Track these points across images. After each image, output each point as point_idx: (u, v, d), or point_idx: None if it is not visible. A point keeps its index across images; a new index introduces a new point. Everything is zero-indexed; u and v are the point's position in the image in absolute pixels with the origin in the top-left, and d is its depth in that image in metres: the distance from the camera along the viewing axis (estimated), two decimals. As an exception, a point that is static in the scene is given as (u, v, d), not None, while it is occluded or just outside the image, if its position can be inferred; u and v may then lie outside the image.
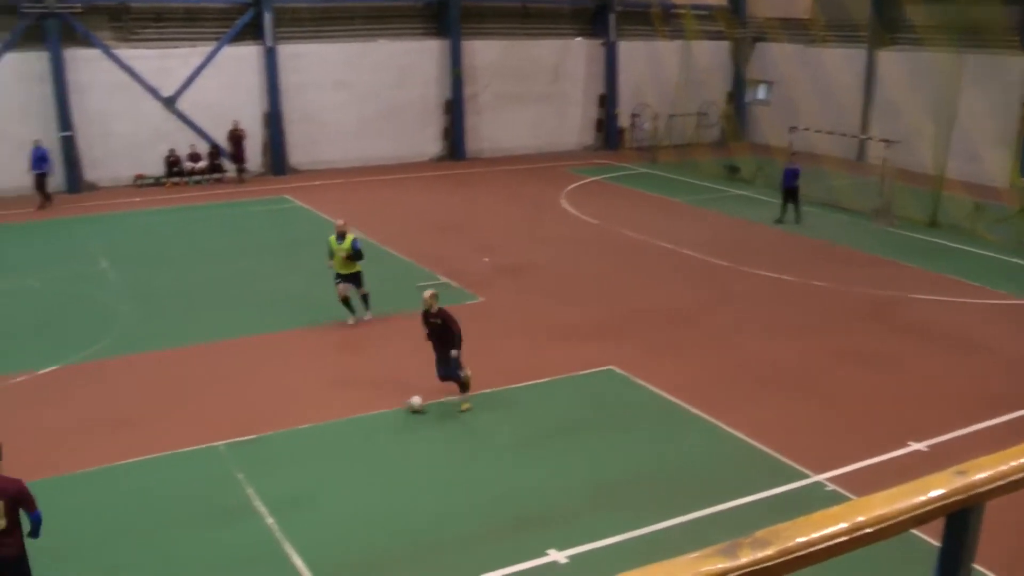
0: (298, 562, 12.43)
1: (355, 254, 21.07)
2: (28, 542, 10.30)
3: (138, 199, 36.54)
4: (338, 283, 21.39)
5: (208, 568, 12.52)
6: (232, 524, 13.51)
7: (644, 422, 16.71)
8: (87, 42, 37.40)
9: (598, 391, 18.00)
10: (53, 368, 19.61)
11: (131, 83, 38.13)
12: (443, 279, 24.88)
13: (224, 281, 25.63)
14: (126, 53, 38.07)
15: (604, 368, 18.86)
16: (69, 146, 37.25)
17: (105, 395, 18.24)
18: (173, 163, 38.98)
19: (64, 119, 37.04)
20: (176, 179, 38.85)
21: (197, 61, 39.06)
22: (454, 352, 16.73)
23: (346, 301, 21.44)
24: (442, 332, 16.93)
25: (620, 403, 17.50)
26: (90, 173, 38.10)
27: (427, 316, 17.10)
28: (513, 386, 18.09)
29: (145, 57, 38.30)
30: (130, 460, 15.40)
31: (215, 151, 39.58)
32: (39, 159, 34.98)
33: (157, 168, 38.83)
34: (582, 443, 15.82)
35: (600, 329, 21.31)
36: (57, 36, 36.56)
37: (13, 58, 36.35)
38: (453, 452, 15.68)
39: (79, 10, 36.95)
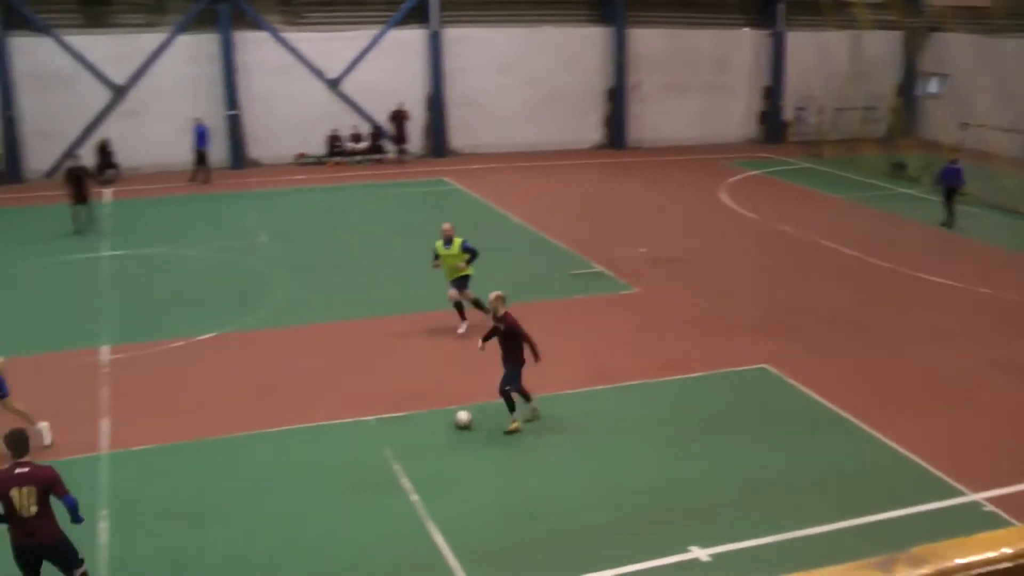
0: (440, 540, 12.51)
1: (468, 253, 19.96)
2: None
3: (300, 176, 37.44)
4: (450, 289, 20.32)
5: (351, 540, 12.69)
6: (377, 498, 13.68)
7: (795, 424, 16.21)
8: (256, 25, 38.51)
9: (750, 390, 17.56)
10: (210, 335, 20.29)
11: (296, 65, 39.14)
12: (597, 267, 24.74)
13: (380, 260, 26.02)
14: (293, 36, 39.06)
15: (757, 366, 18.39)
16: (235, 124, 38.46)
17: (258, 364, 18.73)
18: (335, 143, 39.79)
19: (231, 99, 38.33)
20: (337, 159, 39.69)
21: (362, 44, 39.79)
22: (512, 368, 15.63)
23: (458, 305, 20.33)
24: (506, 339, 15.74)
25: (772, 403, 17.02)
26: (253, 150, 39.30)
27: (494, 319, 16.06)
28: (662, 379, 17.83)
29: (311, 40, 39.20)
30: (280, 428, 15.80)
31: (377, 132, 40.27)
32: (200, 136, 36.25)
33: (319, 147, 39.78)
34: (730, 441, 15.46)
35: (754, 326, 20.81)
36: (228, 19, 37.82)
37: (186, 40, 37.84)
38: (596, 442, 15.47)
39: (251, -8, 38.09)
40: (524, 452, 15.04)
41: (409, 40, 40.33)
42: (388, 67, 40.14)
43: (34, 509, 10.27)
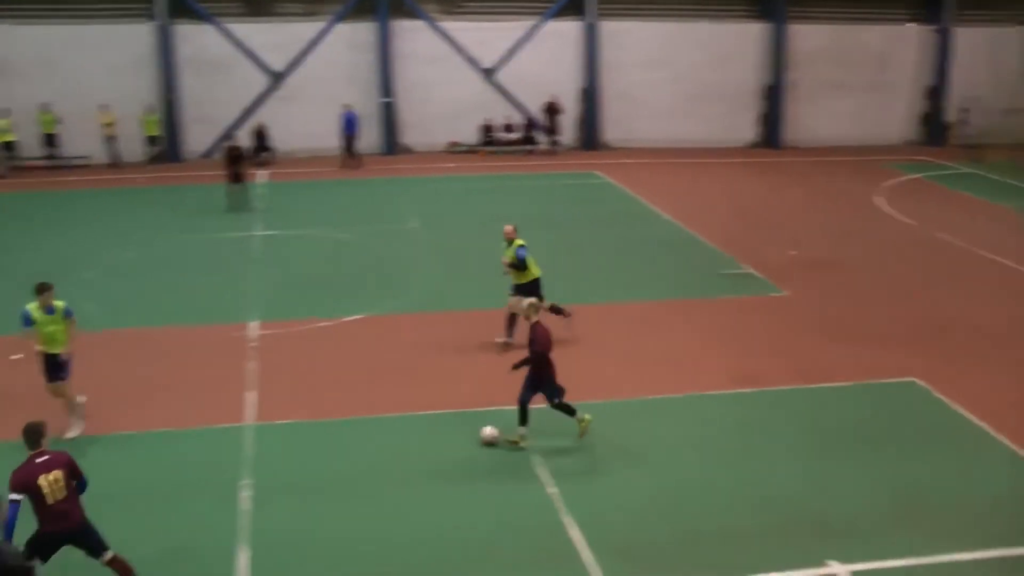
0: (575, 534, 12.44)
1: (518, 263, 18.90)
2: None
3: (451, 165, 37.79)
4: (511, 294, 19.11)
5: (484, 527, 12.75)
6: (513, 488, 13.70)
7: (945, 443, 15.52)
8: (413, 14, 39.07)
9: (897, 403, 16.90)
10: (356, 317, 20.71)
11: (452, 54, 39.53)
12: (745, 268, 24.26)
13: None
14: (449, 25, 39.45)
15: (906, 379, 17.69)
16: (388, 111, 38.99)
17: (401, 347, 19.02)
18: (488, 132, 39.97)
19: (385, 86, 38.97)
20: (489, 148, 39.83)
21: (518, 35, 39.93)
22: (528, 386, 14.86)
23: (511, 319, 18.88)
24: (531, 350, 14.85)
25: (920, 419, 16.34)
26: (406, 137, 39.91)
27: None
28: (807, 386, 17.36)
29: (467, 29, 39.53)
30: (421, 412, 16.02)
31: (530, 123, 40.30)
32: (348, 122, 37.01)
33: (471, 136, 40.03)
34: (874, 455, 14.91)
35: (905, 337, 20.04)
36: (386, 8, 38.49)
37: (344, 28, 38.86)
38: (737, 446, 15.14)
39: (409, -17, 38.57)
40: (664, 452, 14.80)
41: (564, 31, 40.24)
42: (543, 58, 40.16)
43: (65, 492, 10.52)
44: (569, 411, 14.92)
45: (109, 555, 10.86)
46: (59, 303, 15.11)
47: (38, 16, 37.19)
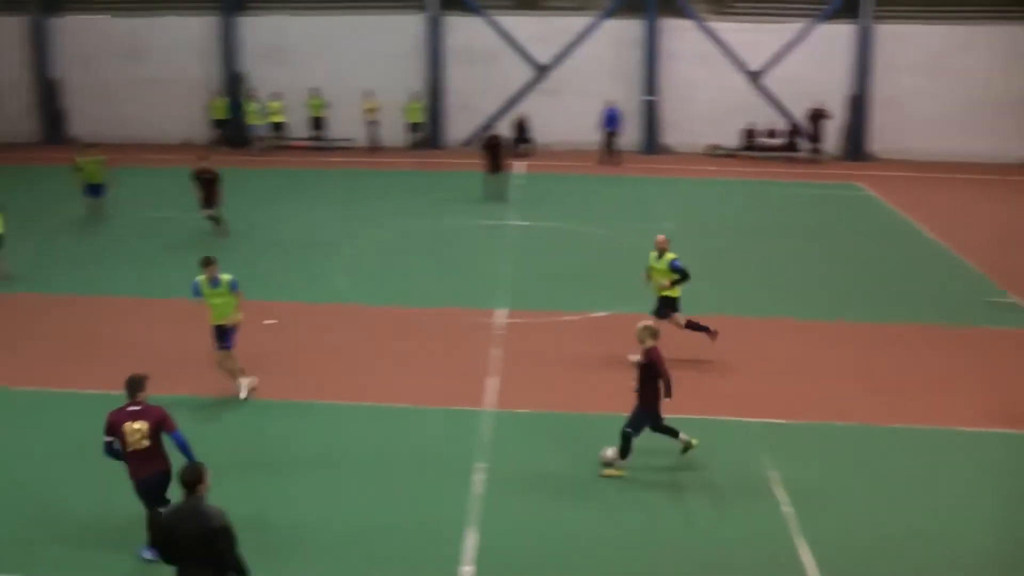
0: (807, 557, 11.86)
1: (677, 273, 17.79)
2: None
3: (710, 168, 37.19)
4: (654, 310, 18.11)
5: (712, 537, 12.32)
6: (746, 503, 13.18)
7: None
8: (681, 12, 38.67)
9: None
10: (604, 313, 20.64)
11: (718, 54, 38.81)
12: (1012, 298, 22.55)
13: (793, 260, 25.39)
14: (718, 25, 38.77)
15: None
16: (650, 110, 38.74)
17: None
18: (750, 136, 39.10)
19: (649, 84, 38.77)
20: (749, 152, 38.94)
21: (788, 37, 38.73)
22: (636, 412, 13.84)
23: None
24: (642, 376, 13.79)
25: None
26: (666, 137, 39.58)
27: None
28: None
29: (736, 30, 38.75)
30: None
31: (794, 129, 39.09)
32: (610, 118, 36.91)
33: (732, 139, 39.22)
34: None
35: None
36: (655, 6, 38.24)
37: (611, 24, 39.00)
38: (987, 483, 13.99)
39: (685, -19, 38.16)
40: (910, 486, 13.79)
41: (836, 35, 38.72)
42: (811, 62, 38.77)
43: (145, 443, 10.98)
44: (624, 451, 13.81)
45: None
46: (225, 276, 15.93)
47: (314, 7, 39.47)
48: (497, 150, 30.64)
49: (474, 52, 39.05)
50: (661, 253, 18.05)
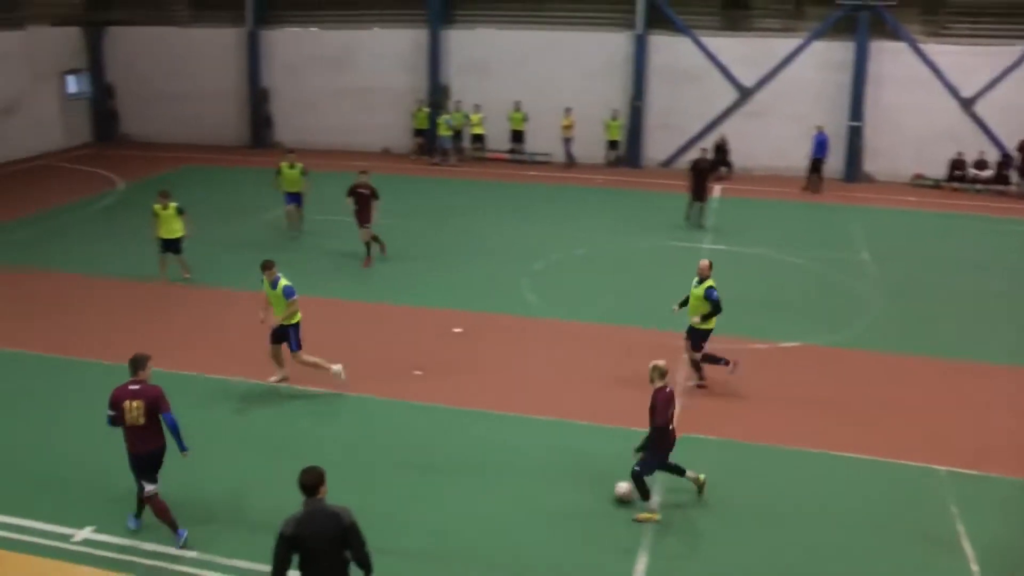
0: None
1: (711, 304, 17.08)
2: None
3: (912, 198, 35.85)
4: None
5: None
6: (931, 554, 12.77)
7: None
8: (894, 35, 37.38)
9: None
10: (794, 344, 20.26)
11: (930, 79, 37.32)
12: None
13: (993, 298, 24.30)
14: (932, 48, 37.30)
15: None
16: (855, 136, 37.73)
17: (831, 382, 18.46)
18: (957, 167, 37.58)
19: (856, 109, 37.66)
20: (956, 184, 37.40)
21: (1006, 61, 36.89)
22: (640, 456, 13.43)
23: (698, 362, 17.78)
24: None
25: None
26: (869, 164, 38.37)
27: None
28: None
29: (951, 53, 37.14)
30: (835, 452, 15.44)
31: (1005, 160, 37.34)
32: (819, 144, 36.13)
33: (938, 170, 37.73)
34: None
35: None
36: (866, 27, 37.13)
37: (819, 46, 38.07)
38: None
39: (893, 3, 36.96)
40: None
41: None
42: (1029, 89, 37.02)
43: (142, 421, 11.73)
44: (644, 495, 13.33)
45: (150, 489, 11.97)
46: (284, 281, 16.89)
47: (520, 22, 40.14)
48: (704, 174, 30.14)
49: (678, 71, 38.87)
50: (701, 280, 17.36)
